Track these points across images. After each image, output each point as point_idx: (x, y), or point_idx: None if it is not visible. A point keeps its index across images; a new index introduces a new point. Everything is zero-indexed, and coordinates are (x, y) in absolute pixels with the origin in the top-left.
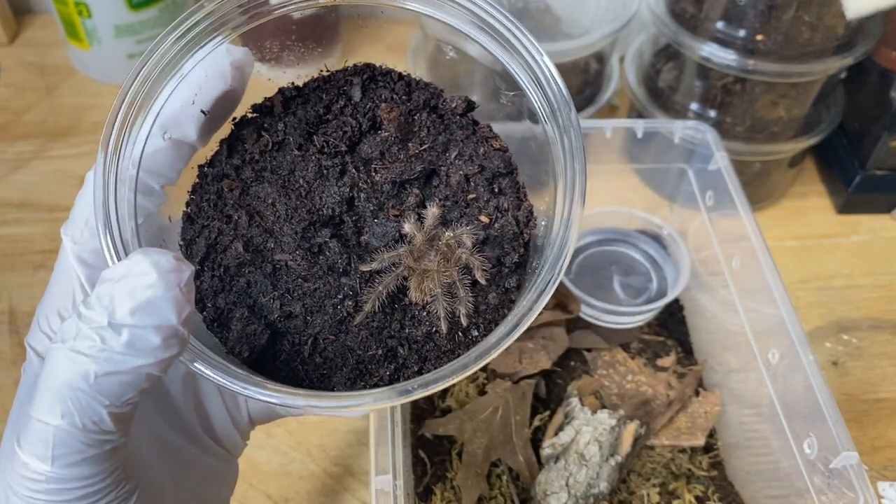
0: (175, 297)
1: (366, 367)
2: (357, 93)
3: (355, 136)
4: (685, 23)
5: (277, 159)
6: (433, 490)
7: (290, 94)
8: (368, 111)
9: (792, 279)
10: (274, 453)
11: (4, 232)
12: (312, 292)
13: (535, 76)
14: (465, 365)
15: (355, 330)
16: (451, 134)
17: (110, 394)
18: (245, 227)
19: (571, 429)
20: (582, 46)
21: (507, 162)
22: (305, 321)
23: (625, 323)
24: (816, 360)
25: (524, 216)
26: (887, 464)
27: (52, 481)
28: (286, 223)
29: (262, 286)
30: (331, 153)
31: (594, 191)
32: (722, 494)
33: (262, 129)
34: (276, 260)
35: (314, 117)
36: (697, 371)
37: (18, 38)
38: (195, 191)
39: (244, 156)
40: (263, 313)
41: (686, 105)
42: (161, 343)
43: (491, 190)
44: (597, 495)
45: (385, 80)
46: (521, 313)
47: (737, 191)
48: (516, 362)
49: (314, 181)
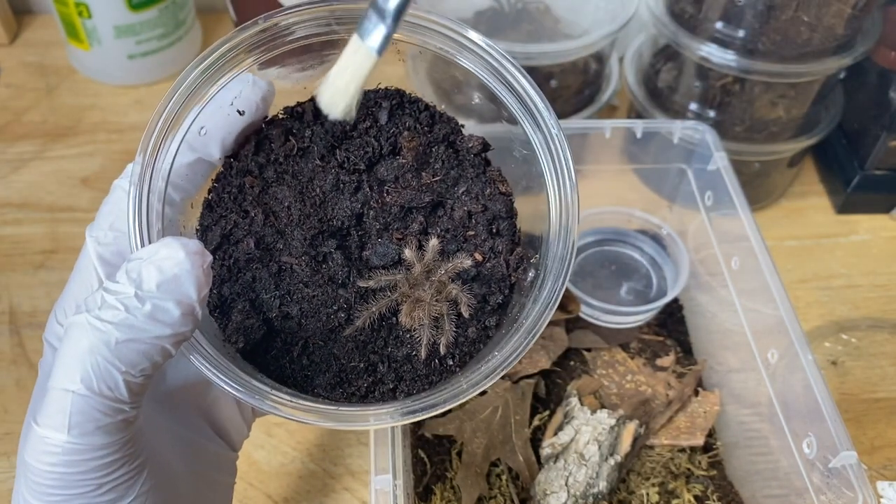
0: (198, 276)
1: (347, 376)
2: (384, 116)
3: (375, 158)
4: (684, 23)
5: (300, 165)
6: (433, 490)
7: None
8: (391, 136)
9: (791, 279)
10: (274, 453)
11: (4, 232)
12: (311, 298)
13: (504, 80)
14: (477, 383)
15: (343, 340)
16: (463, 170)
17: (128, 360)
18: (260, 225)
19: (571, 428)
20: (581, 47)
21: (509, 207)
22: (300, 324)
23: (624, 323)
24: (815, 359)
25: (515, 261)
26: (886, 463)
27: (67, 452)
28: (297, 228)
29: (266, 284)
30: (350, 169)
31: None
32: (721, 494)
33: (290, 132)
34: (283, 261)
35: (340, 132)
36: (697, 371)
37: (18, 39)
38: (219, 179)
39: (269, 155)
40: (263, 309)
41: (685, 105)
42: (179, 317)
43: (489, 230)
44: (596, 495)
45: (412, 108)
46: (528, 331)
47: (736, 191)
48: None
49: (330, 192)
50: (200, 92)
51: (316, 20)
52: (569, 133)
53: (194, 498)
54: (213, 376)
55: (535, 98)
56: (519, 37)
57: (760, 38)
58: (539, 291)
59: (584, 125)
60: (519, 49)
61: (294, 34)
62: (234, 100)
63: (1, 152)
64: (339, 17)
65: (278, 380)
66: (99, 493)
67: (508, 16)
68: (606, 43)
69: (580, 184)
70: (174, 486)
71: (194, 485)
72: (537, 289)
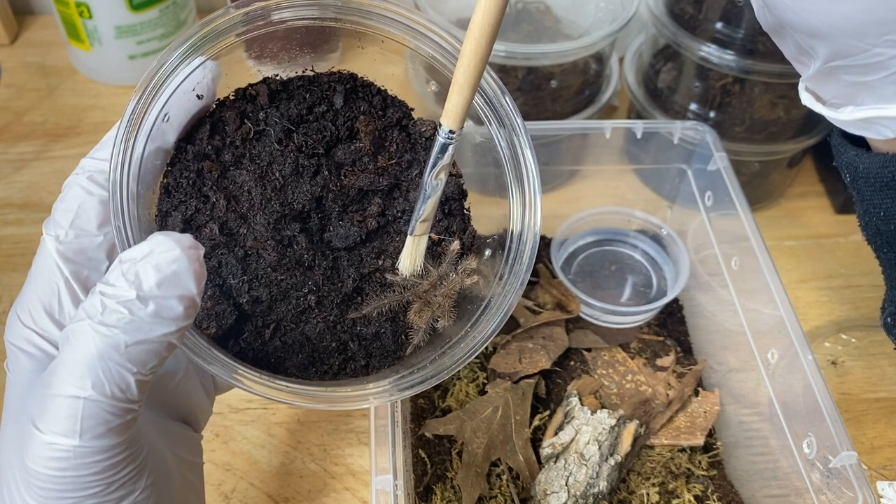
0: (195, 269)
1: (319, 355)
2: (339, 100)
3: (332, 142)
4: (684, 23)
5: (257, 149)
6: (433, 490)
7: (276, 87)
8: (348, 120)
9: (791, 279)
10: (274, 453)
11: (5, 232)
12: (279, 282)
13: None
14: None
15: (314, 321)
16: (416, 154)
17: (138, 361)
18: (222, 210)
19: (571, 428)
20: (581, 47)
21: (459, 187)
22: (270, 307)
23: (624, 323)
24: (815, 359)
25: (468, 239)
26: (886, 463)
27: (79, 456)
28: (260, 212)
29: (234, 269)
30: (308, 153)
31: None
32: (721, 494)
33: (244, 115)
34: (249, 246)
35: (297, 115)
36: (697, 371)
37: (19, 39)
38: (174, 164)
39: (225, 139)
40: (232, 294)
41: (685, 105)
42: (183, 312)
43: (443, 211)
44: (596, 495)
45: (365, 92)
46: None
47: (736, 191)
48: (516, 362)
49: (290, 176)
50: (172, 77)
51: (299, 5)
52: (569, 133)
53: (182, 483)
54: (203, 362)
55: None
56: (519, 37)
57: (760, 38)
58: (505, 268)
59: (584, 125)
60: (519, 49)
61: (277, 17)
62: (196, 84)
63: (2, 152)
64: (327, 3)
65: (252, 363)
66: (109, 490)
67: (508, 16)
68: (606, 43)
69: (580, 184)
70: (169, 475)
71: (180, 470)
72: (504, 265)
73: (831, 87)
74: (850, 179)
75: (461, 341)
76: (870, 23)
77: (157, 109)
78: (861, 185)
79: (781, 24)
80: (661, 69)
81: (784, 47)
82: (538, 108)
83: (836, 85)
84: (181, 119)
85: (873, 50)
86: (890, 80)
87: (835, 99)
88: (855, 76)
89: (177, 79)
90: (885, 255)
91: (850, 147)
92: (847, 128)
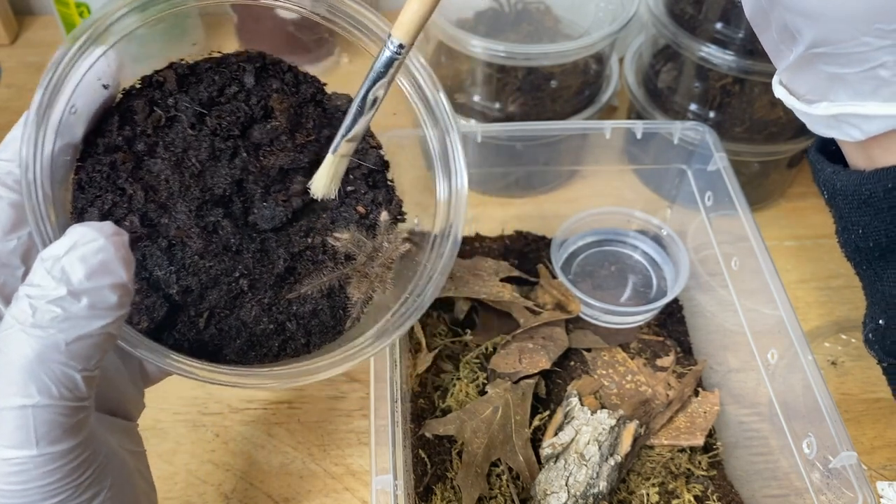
0: (123, 255)
1: (257, 339)
2: (250, 80)
3: (247, 122)
4: (684, 24)
5: (171, 136)
6: (433, 490)
7: (183, 71)
8: (261, 99)
9: (791, 279)
10: (274, 453)
11: None
12: (208, 269)
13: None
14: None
15: (248, 305)
16: (334, 129)
17: (81, 357)
18: (141, 202)
19: (571, 429)
20: (581, 47)
21: (381, 158)
22: (201, 296)
23: (624, 323)
24: (815, 359)
25: (395, 210)
26: (886, 463)
27: (39, 465)
28: (180, 200)
29: (159, 261)
30: (224, 136)
31: (594, 191)
32: (721, 494)
33: (154, 103)
34: (173, 236)
35: (208, 98)
36: (697, 371)
37: (20, 39)
38: (84, 158)
39: (135, 128)
40: (161, 286)
41: (685, 106)
42: (118, 300)
43: (367, 183)
44: (596, 495)
45: (276, 69)
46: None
47: (736, 191)
48: (516, 362)
49: (207, 161)
50: (77, 66)
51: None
52: (569, 133)
53: (137, 473)
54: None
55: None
56: (519, 37)
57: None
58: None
59: (584, 125)
60: (519, 49)
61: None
62: (102, 73)
63: None
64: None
65: (189, 354)
66: (79, 493)
67: (508, 16)
68: (606, 43)
69: (580, 184)
70: (125, 466)
71: (132, 462)
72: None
73: (808, 79)
74: (827, 196)
75: (402, 307)
76: (866, 9)
77: (64, 102)
78: (839, 203)
79: (773, 2)
80: (660, 69)
81: (765, 37)
82: (538, 108)
83: (812, 77)
84: (89, 111)
85: (861, 38)
86: (868, 75)
87: (809, 94)
88: (835, 67)
89: (81, 68)
90: (864, 272)
91: (828, 164)
92: (817, 126)
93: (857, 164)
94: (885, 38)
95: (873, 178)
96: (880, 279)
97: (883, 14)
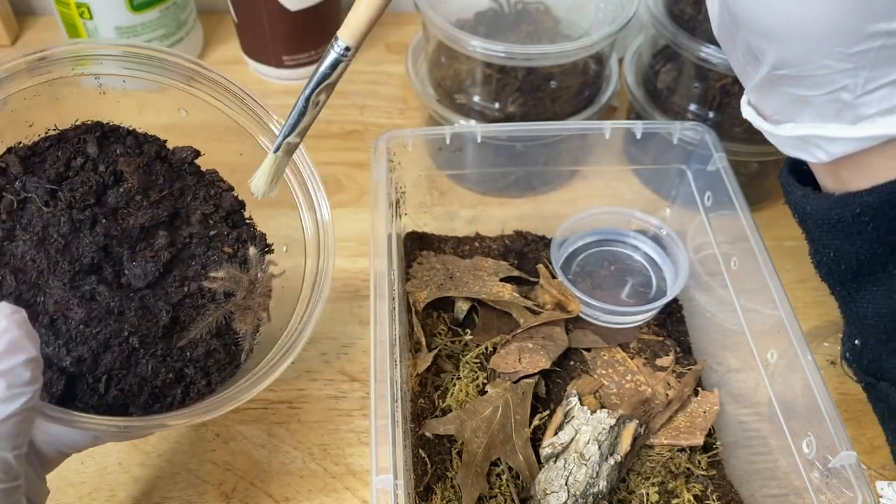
0: (27, 331)
1: (160, 390)
2: (94, 149)
3: (100, 189)
4: (684, 24)
5: (26, 217)
6: (433, 489)
7: (24, 153)
8: (109, 165)
9: (790, 279)
10: (275, 453)
11: None
12: (95, 335)
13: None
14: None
15: (143, 360)
16: (184, 180)
17: (9, 437)
18: (12, 286)
19: (571, 428)
20: (581, 48)
21: (236, 199)
22: (96, 361)
23: (624, 323)
24: (815, 359)
25: (261, 244)
26: (885, 463)
27: None
28: (51, 275)
29: (45, 337)
30: (80, 207)
31: (593, 191)
32: (721, 493)
33: (2, 189)
34: (53, 311)
35: (56, 175)
36: (696, 371)
37: (20, 40)
38: None
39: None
40: (53, 361)
41: (685, 106)
42: (30, 375)
43: (228, 224)
44: (596, 494)
45: (115, 135)
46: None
47: (735, 191)
48: (516, 362)
49: (69, 234)
50: None
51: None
52: (568, 133)
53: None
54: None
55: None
56: (519, 37)
57: None
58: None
59: (583, 126)
60: (519, 50)
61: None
62: None
63: None
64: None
65: None
66: None
67: (508, 16)
68: (606, 44)
69: (580, 184)
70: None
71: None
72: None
73: (774, 100)
74: (798, 219)
75: (297, 324)
76: (824, 32)
77: None
78: (810, 226)
79: (736, 24)
80: (660, 70)
81: (733, 56)
82: (538, 108)
83: (778, 98)
84: None
85: (822, 61)
86: (831, 98)
87: (776, 115)
88: (798, 89)
89: None
90: (838, 293)
91: (798, 186)
92: (785, 147)
93: (827, 186)
94: (846, 61)
95: (840, 202)
96: (854, 301)
97: (842, 37)
